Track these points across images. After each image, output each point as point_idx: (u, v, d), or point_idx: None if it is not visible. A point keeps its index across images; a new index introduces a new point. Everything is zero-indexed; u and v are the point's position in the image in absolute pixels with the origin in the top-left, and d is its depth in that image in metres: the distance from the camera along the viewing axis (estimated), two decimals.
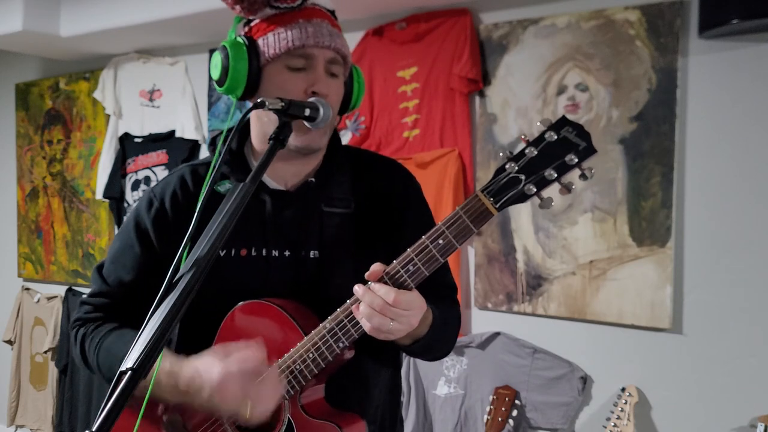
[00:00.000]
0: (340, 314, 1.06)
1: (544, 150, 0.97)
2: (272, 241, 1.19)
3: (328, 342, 1.07)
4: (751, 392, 2.12)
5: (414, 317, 1.02)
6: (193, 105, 3.31)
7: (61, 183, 3.82)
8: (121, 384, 0.73)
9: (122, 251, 1.24)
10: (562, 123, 0.97)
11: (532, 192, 0.97)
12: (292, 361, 1.09)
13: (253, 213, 1.19)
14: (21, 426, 3.91)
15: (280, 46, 1.12)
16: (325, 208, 1.20)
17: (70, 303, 3.70)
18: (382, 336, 1.02)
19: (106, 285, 1.24)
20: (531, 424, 2.42)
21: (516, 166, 0.98)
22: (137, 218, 1.23)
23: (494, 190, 0.99)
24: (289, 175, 1.22)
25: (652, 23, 2.22)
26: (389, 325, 1.00)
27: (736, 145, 2.14)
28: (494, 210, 0.99)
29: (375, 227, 1.23)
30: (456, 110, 2.58)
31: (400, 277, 1.02)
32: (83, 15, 3.09)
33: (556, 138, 0.96)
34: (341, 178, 1.24)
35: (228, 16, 1.26)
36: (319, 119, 1.08)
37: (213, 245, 0.87)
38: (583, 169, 0.97)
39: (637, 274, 2.25)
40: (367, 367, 1.24)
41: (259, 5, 1.14)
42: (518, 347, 2.44)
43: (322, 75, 1.13)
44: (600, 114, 2.32)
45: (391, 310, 0.99)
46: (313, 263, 1.19)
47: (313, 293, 1.18)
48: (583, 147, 0.96)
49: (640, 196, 2.25)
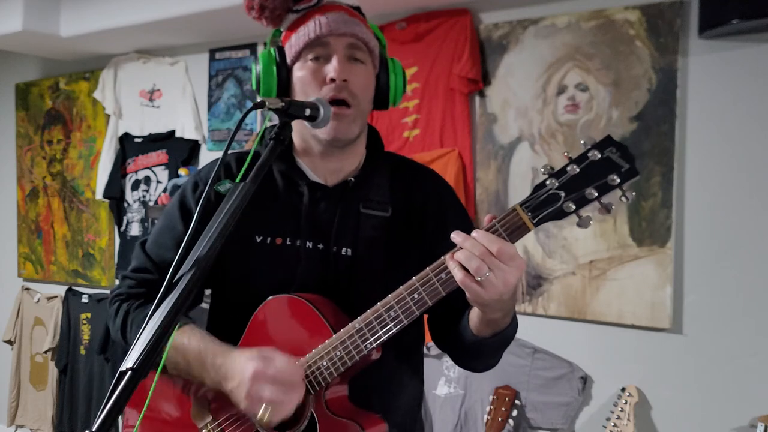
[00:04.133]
0: (370, 315, 1.07)
1: (586, 168, 0.96)
2: (306, 233, 1.20)
3: (357, 342, 1.07)
4: (750, 392, 2.12)
5: (511, 275, 0.96)
6: (193, 105, 3.31)
7: (61, 183, 3.82)
8: (121, 384, 0.73)
9: (166, 230, 1.26)
10: (606, 143, 0.96)
11: (571, 210, 0.96)
12: (320, 358, 1.09)
13: (290, 203, 1.21)
14: (21, 426, 3.91)
15: (299, 43, 1.16)
16: (363, 209, 1.22)
17: (70, 303, 3.70)
18: (473, 289, 0.96)
19: (150, 261, 1.26)
20: (531, 424, 2.42)
21: (557, 182, 0.97)
22: (182, 199, 1.26)
23: (533, 205, 0.98)
24: (328, 172, 1.24)
25: (652, 23, 2.22)
26: (486, 273, 0.94)
27: (736, 144, 2.14)
28: (531, 225, 0.98)
29: (409, 234, 1.24)
30: (456, 110, 2.58)
31: (432, 284, 1.02)
32: (83, 15, 3.09)
33: (600, 157, 0.96)
34: (380, 181, 1.25)
35: (227, 16, 1.28)
36: (320, 119, 1.09)
37: (213, 245, 0.87)
38: (624, 191, 0.96)
39: (637, 274, 2.25)
40: (391, 370, 1.24)
41: (281, 12, 1.19)
42: (518, 347, 2.44)
43: (339, 61, 1.15)
44: (600, 114, 2.33)
45: (491, 259, 0.95)
46: (345, 260, 1.20)
47: (342, 290, 1.19)
48: (626, 169, 0.95)
49: (640, 196, 2.25)
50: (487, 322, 1.07)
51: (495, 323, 1.07)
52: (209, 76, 3.27)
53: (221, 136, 3.23)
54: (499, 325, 1.08)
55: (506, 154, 2.50)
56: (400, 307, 1.05)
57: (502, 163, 2.51)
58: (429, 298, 1.03)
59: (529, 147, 2.46)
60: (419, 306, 1.04)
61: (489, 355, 1.19)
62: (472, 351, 1.16)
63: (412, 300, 1.04)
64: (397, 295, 1.05)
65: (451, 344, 1.24)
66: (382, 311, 1.06)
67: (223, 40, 3.19)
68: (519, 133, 2.48)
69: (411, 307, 1.04)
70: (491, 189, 2.53)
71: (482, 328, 1.09)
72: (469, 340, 1.12)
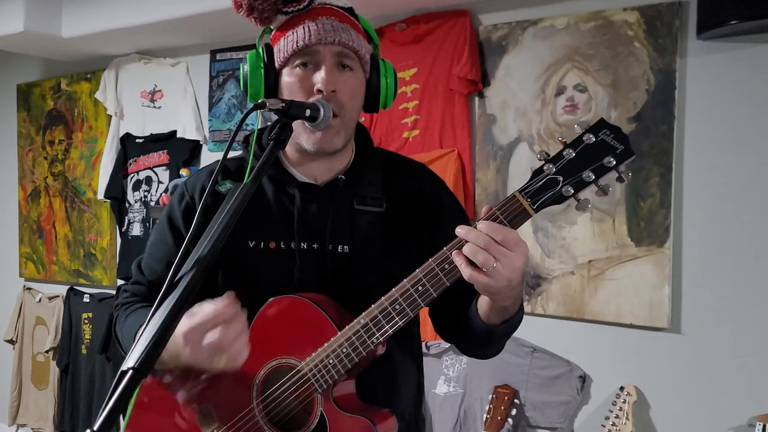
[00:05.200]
0: (375, 310, 1.07)
1: (582, 152, 0.97)
2: (300, 234, 1.20)
3: (362, 337, 1.07)
4: (749, 391, 2.13)
5: (518, 260, 0.96)
6: (194, 106, 3.32)
7: (62, 183, 3.83)
8: (122, 383, 0.73)
9: (156, 244, 1.29)
10: (600, 125, 0.98)
11: (570, 193, 0.98)
12: (326, 356, 1.09)
13: (282, 206, 1.22)
14: (22, 425, 3.93)
15: (288, 49, 1.15)
16: (357, 206, 1.22)
17: (71, 303, 3.71)
18: (482, 281, 0.97)
19: (142, 274, 1.30)
20: (530, 423, 2.43)
21: (554, 167, 0.98)
22: (170, 212, 1.28)
23: (532, 191, 0.99)
24: (318, 172, 1.24)
25: (651, 24, 2.23)
26: (493, 264, 0.95)
27: (734, 145, 2.15)
28: (532, 211, 0.99)
29: (405, 228, 1.24)
30: (455, 111, 2.59)
31: (436, 274, 1.02)
32: (85, 16, 3.10)
33: (595, 140, 0.97)
34: (373, 177, 1.25)
35: (228, 17, 1.28)
36: (320, 120, 1.09)
37: (214, 245, 0.88)
38: (620, 172, 0.97)
39: (636, 274, 2.26)
40: (396, 364, 1.24)
41: (270, 13, 1.17)
42: (517, 346, 2.45)
43: (327, 70, 1.14)
44: (598, 115, 2.31)
45: (497, 248, 0.95)
46: (342, 258, 1.20)
47: (342, 287, 1.19)
48: (621, 150, 0.96)
49: (638, 196, 2.26)
50: (498, 310, 1.08)
51: (505, 310, 1.08)
52: (210, 76, 3.28)
53: (222, 136, 3.25)
54: (509, 312, 1.09)
55: (505, 154, 2.51)
56: (405, 300, 1.05)
57: (501, 163, 2.52)
58: (434, 289, 1.03)
59: (528, 147, 2.47)
60: (424, 298, 1.04)
61: (498, 341, 1.19)
62: (481, 339, 1.16)
63: (417, 292, 1.04)
64: (401, 288, 1.05)
65: (459, 333, 1.24)
66: (387, 305, 1.06)
67: (224, 41, 3.20)
68: (518, 133, 2.49)
69: (416, 300, 1.04)
70: (490, 189, 2.54)
71: (492, 315, 1.09)
72: (478, 329, 1.12)
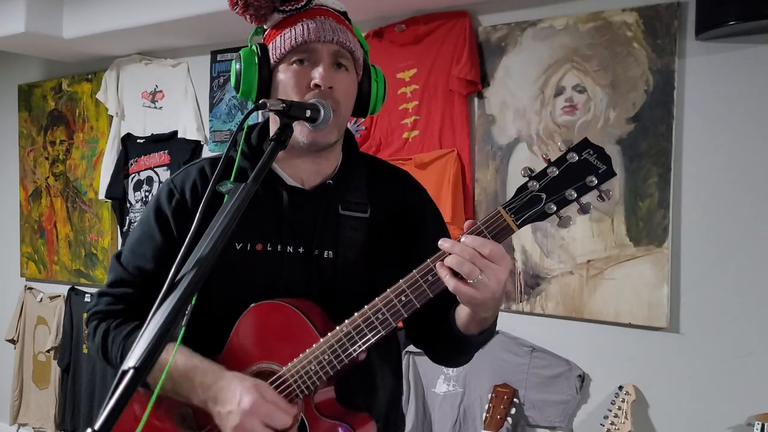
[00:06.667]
0: (358, 319, 1.07)
1: (565, 171, 0.99)
2: (286, 237, 1.20)
3: (345, 345, 1.08)
4: (748, 390, 2.13)
5: (502, 273, 0.99)
6: (195, 106, 3.33)
7: (63, 183, 3.84)
8: (123, 383, 0.73)
9: (142, 240, 1.23)
10: (583, 145, 1.00)
11: (552, 211, 1.00)
12: (308, 362, 1.09)
13: (269, 208, 1.20)
14: (23, 425, 3.94)
15: (284, 46, 1.15)
16: (342, 211, 1.22)
17: (72, 302, 3.72)
18: (467, 293, 0.99)
19: (127, 273, 1.23)
20: (529, 422, 2.44)
21: (538, 185, 1.00)
22: (158, 208, 1.23)
23: (516, 207, 1.01)
24: (306, 174, 1.23)
25: (650, 25, 2.24)
26: (478, 276, 0.97)
27: (732, 145, 2.16)
28: (515, 227, 1.01)
29: (389, 234, 1.25)
30: (455, 111, 2.60)
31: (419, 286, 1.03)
32: (86, 16, 3.11)
33: (578, 159, 0.99)
34: (358, 183, 1.26)
35: (229, 18, 1.28)
36: (320, 120, 1.10)
37: (215, 245, 0.88)
38: (602, 191, 1.00)
39: (635, 274, 2.27)
40: (374, 368, 1.25)
41: (266, 11, 1.17)
42: (517, 346, 2.46)
43: (325, 68, 1.14)
44: (597, 115, 2.34)
45: (482, 261, 0.98)
46: (327, 263, 1.20)
47: (326, 293, 1.19)
48: (603, 170, 0.99)
49: (637, 196, 2.27)
50: (478, 321, 1.09)
51: (484, 321, 1.10)
52: (211, 77, 3.29)
53: (223, 137, 3.25)
54: (487, 322, 1.11)
55: (504, 154, 2.52)
56: (388, 310, 1.06)
57: (500, 163, 2.53)
58: (417, 300, 1.05)
59: (527, 148, 2.47)
60: (408, 308, 1.05)
61: (473, 350, 1.21)
62: (457, 348, 1.19)
63: (400, 302, 1.05)
64: (385, 298, 1.06)
65: (433, 341, 1.26)
66: (370, 314, 1.07)
67: (225, 42, 3.21)
68: (517, 134, 2.49)
69: (399, 310, 1.06)
70: (490, 189, 2.55)
71: (471, 326, 1.11)
72: (456, 338, 1.14)
